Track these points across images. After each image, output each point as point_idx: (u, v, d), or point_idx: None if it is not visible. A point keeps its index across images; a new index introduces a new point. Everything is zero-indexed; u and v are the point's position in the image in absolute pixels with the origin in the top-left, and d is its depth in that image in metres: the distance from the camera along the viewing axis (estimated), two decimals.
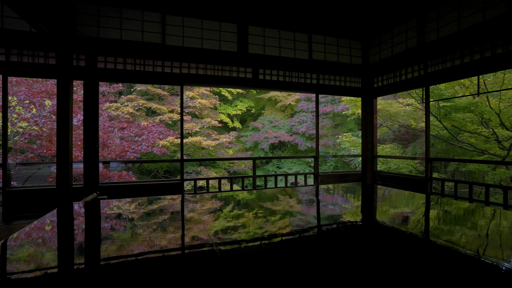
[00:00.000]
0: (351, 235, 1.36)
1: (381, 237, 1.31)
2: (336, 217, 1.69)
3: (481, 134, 7.16)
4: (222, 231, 1.37)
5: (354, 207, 2.05)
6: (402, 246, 1.18)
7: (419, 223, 1.56)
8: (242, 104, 15.21)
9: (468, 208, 1.97)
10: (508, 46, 3.31)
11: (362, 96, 5.21)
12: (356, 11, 3.99)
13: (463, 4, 3.32)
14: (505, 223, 1.51)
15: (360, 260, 1.04)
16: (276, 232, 1.41)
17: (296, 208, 1.99)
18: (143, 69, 4.32)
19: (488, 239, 1.24)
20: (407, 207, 1.99)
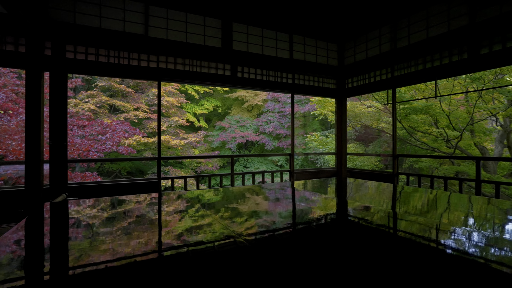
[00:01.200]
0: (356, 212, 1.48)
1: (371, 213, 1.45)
2: (340, 201, 1.81)
3: (432, 134, 7.98)
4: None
5: (347, 195, 2.21)
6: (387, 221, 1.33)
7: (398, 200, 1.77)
8: (209, 103, 15.02)
9: (427, 192, 2.25)
10: (463, 55, 3.77)
11: (336, 97, 5.50)
12: (333, 15, 4.22)
13: (430, 15, 3.70)
14: (456, 201, 1.88)
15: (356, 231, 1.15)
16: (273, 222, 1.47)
17: (301, 196, 2.08)
18: (118, 61, 4.08)
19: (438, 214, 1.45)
20: (386, 193, 2.21)
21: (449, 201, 1.97)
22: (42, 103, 3.23)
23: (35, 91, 3.08)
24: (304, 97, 13.70)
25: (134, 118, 9.55)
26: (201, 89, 14.02)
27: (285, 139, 14.05)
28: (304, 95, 6.11)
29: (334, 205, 1.89)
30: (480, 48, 3.57)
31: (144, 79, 4.39)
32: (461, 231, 1.28)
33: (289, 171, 5.92)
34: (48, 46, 3.61)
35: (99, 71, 3.96)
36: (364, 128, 11.01)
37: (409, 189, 2.58)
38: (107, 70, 3.96)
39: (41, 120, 3.59)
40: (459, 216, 1.58)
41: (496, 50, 3.45)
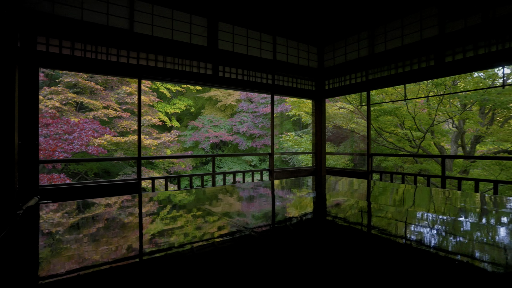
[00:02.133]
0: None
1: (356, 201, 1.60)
2: (329, 193, 1.94)
3: (398, 134, 8.58)
4: None
5: (331, 189, 2.36)
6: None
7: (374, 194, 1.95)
8: (181, 102, 14.70)
9: (400, 187, 2.48)
10: (430, 62, 4.14)
11: (315, 98, 5.70)
12: (314, 19, 4.40)
13: (405, 24, 4.02)
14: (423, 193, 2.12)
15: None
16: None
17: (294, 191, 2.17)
18: (96, 56, 3.89)
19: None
20: (362, 187, 2.40)
21: (431, 193, 2.21)
22: (16, 99, 2.99)
23: (7, 86, 2.84)
24: (279, 98, 13.94)
25: (104, 117, 9.08)
26: (173, 87, 13.70)
27: (258, 139, 14.19)
28: (284, 96, 6.25)
29: (333, 198, 2.02)
30: (445, 57, 3.94)
31: (124, 76, 4.23)
32: (435, 212, 1.49)
33: (269, 170, 6.03)
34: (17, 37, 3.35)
35: (74, 66, 3.74)
36: (335, 129, 11.49)
37: (389, 184, 2.81)
38: (83, 65, 3.76)
39: (15, 117, 3.33)
40: (435, 202, 1.79)
41: (458, 59, 3.83)
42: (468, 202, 1.96)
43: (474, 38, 3.47)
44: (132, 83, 11.03)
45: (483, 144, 8.32)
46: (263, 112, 14.07)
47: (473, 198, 2.10)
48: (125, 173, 9.96)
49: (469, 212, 1.70)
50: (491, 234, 1.27)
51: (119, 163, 10.63)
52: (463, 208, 1.80)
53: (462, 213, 1.67)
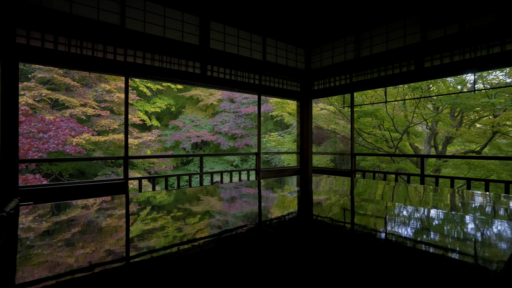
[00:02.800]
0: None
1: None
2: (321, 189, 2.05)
3: (376, 135, 8.97)
4: None
5: (324, 187, 2.48)
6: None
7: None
8: (162, 101, 14.41)
9: (382, 183, 2.66)
10: (411, 67, 4.39)
11: (302, 99, 5.84)
12: (302, 21, 4.51)
13: (390, 30, 4.24)
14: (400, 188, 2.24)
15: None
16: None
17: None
18: (80, 52, 3.76)
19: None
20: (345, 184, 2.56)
21: (407, 189, 2.38)
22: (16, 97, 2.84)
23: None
24: (262, 98, 14.04)
25: (82, 115, 8.71)
26: (154, 86, 13.39)
27: (240, 139, 14.21)
28: (271, 96, 6.34)
29: (332, 193, 2.13)
30: (424, 62, 4.20)
31: (111, 73, 4.10)
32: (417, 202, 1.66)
33: (256, 170, 6.09)
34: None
35: (56, 61, 3.59)
36: (316, 129, 11.78)
37: (379, 182, 2.98)
38: (67, 61, 3.61)
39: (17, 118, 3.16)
40: (418, 194, 1.96)
41: (436, 65, 4.11)
42: (446, 195, 2.15)
43: (451, 46, 3.74)
44: (111, 81, 10.66)
45: (453, 145, 8.89)
46: (245, 112, 14.11)
47: (454, 192, 2.30)
48: (104, 173, 9.60)
49: (450, 202, 1.90)
50: (465, 218, 1.42)
51: (97, 163, 10.24)
52: (445, 199, 2.01)
53: (445, 203, 1.86)
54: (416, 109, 7.16)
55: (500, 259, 0.96)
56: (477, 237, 1.22)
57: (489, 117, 7.16)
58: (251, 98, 14.26)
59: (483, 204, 1.91)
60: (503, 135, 7.24)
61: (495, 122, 6.70)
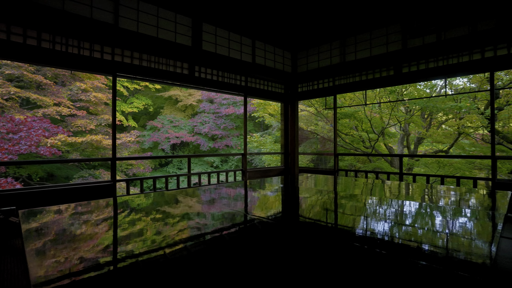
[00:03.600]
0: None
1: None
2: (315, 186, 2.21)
3: (354, 136, 9.39)
4: None
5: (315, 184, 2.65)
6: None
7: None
8: (139, 101, 14.02)
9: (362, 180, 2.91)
10: (390, 72, 4.71)
11: (289, 101, 6.01)
12: (289, 26, 4.68)
13: (374, 37, 4.52)
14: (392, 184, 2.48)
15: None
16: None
17: None
18: (65, 49, 3.65)
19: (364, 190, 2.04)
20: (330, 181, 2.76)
21: (388, 185, 2.61)
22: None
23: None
24: (240, 99, 14.11)
25: (56, 115, 8.29)
26: (131, 85, 13.01)
27: (221, 140, 14.18)
28: (257, 98, 6.45)
29: (327, 187, 2.29)
30: (403, 68, 4.53)
31: (97, 72, 4.00)
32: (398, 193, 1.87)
33: (242, 170, 6.17)
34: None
35: (40, 58, 3.46)
36: None
37: (363, 179, 3.21)
38: (50, 58, 3.49)
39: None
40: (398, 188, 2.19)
41: (412, 70, 4.45)
42: (422, 190, 2.40)
43: (428, 54, 4.08)
44: (86, 79, 10.24)
45: (423, 145, 9.52)
46: (225, 113, 14.11)
47: (431, 187, 2.55)
48: (81, 175, 9.19)
49: (428, 195, 2.11)
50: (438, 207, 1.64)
51: (70, 165, 9.76)
52: (424, 192, 2.22)
53: (426, 197, 2.08)
54: (392, 112, 7.62)
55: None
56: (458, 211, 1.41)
57: (455, 120, 7.79)
58: (231, 99, 14.29)
59: (456, 195, 2.17)
60: (466, 135, 7.92)
61: (460, 124, 7.31)
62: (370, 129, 8.13)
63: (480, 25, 3.59)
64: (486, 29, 3.57)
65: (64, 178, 10.14)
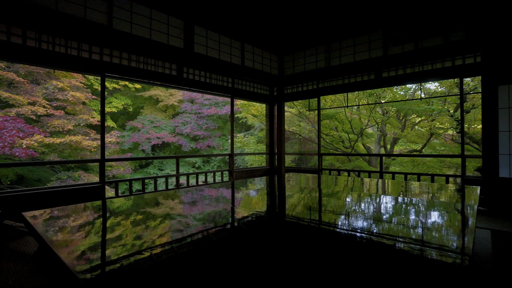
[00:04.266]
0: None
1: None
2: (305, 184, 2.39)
3: (334, 136, 9.76)
4: None
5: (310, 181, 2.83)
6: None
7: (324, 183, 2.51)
8: (118, 101, 13.63)
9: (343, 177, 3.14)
10: (371, 76, 5.01)
11: (272, 102, 6.17)
12: (276, 30, 4.84)
13: (357, 43, 4.78)
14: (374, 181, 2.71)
15: None
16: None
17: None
18: (52, 48, 3.58)
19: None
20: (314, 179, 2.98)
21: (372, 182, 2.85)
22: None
23: None
24: (222, 100, 14.13)
25: (31, 114, 7.92)
26: (110, 85, 12.64)
27: (203, 141, 14.12)
28: (243, 99, 6.57)
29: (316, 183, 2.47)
30: (382, 72, 4.84)
31: (85, 71, 3.95)
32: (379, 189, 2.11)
33: (229, 171, 6.26)
34: None
35: (25, 57, 3.39)
36: None
37: (343, 178, 3.44)
38: (37, 57, 3.43)
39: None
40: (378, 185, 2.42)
41: (391, 75, 4.77)
42: (403, 186, 2.65)
43: (406, 61, 4.40)
44: (62, 77, 9.85)
45: (399, 145, 10.07)
46: (207, 113, 14.07)
47: (407, 183, 2.81)
48: (59, 178, 8.82)
49: (409, 190, 2.37)
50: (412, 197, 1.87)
51: (41, 168, 9.34)
52: (405, 188, 2.47)
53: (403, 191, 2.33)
54: (371, 113, 8.03)
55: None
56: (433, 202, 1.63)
57: (427, 121, 8.34)
58: (213, 100, 14.28)
59: (435, 190, 2.42)
60: (437, 136, 8.50)
61: (432, 125, 7.85)
62: (350, 130, 8.50)
63: (452, 36, 3.94)
64: (457, 40, 3.92)
65: (35, 181, 9.67)
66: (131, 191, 4.67)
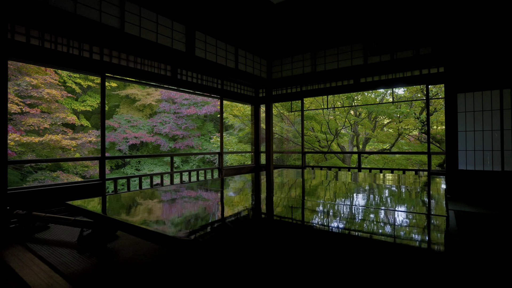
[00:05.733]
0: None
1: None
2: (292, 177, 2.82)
3: (310, 136, 10.37)
4: None
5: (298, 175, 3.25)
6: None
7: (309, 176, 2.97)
8: (92, 99, 13.19)
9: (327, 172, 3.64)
10: (350, 81, 5.57)
11: (255, 103, 6.54)
12: (264, 37, 5.20)
13: (340, 52, 5.31)
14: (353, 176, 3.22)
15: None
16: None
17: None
18: (55, 47, 3.67)
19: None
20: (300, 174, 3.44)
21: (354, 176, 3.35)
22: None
23: None
24: (201, 99, 14.23)
25: None
26: (84, 82, 12.23)
27: (182, 140, 14.12)
28: (232, 101, 6.87)
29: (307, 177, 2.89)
30: (360, 78, 5.41)
31: (86, 70, 4.05)
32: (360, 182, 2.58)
33: (219, 168, 6.52)
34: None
35: (43, 58, 3.48)
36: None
37: (328, 171, 3.93)
38: (51, 58, 3.53)
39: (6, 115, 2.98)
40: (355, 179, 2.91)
41: (368, 81, 5.35)
42: (381, 177, 3.17)
43: (383, 69, 4.99)
44: (34, 74, 9.43)
45: (369, 145, 10.92)
46: (186, 113, 14.09)
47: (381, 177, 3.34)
48: (36, 178, 8.46)
49: (387, 181, 2.86)
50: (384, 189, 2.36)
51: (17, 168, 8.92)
52: (384, 179, 2.96)
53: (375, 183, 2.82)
54: (347, 115, 8.71)
55: None
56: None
57: (395, 123, 9.22)
58: (191, 99, 14.33)
59: (409, 181, 2.95)
60: (403, 136, 9.42)
61: (400, 126, 8.71)
62: (327, 130, 9.13)
63: (421, 50, 4.58)
64: (425, 53, 4.57)
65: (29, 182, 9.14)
66: (129, 187, 4.79)
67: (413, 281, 0.88)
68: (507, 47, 3.95)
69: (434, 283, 0.84)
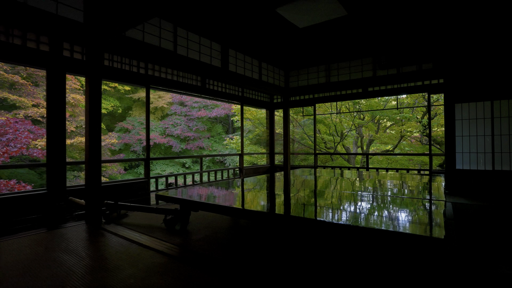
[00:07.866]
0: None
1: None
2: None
3: (317, 138, 11.03)
4: None
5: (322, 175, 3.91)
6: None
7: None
8: (108, 103, 13.81)
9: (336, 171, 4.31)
10: (359, 89, 6.23)
11: (270, 109, 7.20)
12: (283, 52, 5.85)
13: (352, 65, 5.97)
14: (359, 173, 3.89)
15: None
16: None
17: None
18: (112, 65, 4.31)
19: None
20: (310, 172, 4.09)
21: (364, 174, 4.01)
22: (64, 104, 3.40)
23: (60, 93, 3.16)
24: (211, 103, 14.87)
25: (38, 116, 8.18)
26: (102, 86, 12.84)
27: (193, 142, 14.75)
28: (250, 106, 7.52)
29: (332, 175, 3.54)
30: (368, 87, 6.07)
31: (134, 83, 4.72)
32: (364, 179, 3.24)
33: (239, 168, 7.17)
34: (45, 42, 3.55)
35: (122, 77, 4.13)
36: (266, 133, 13.34)
37: (341, 171, 4.58)
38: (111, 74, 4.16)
39: (64, 121, 3.59)
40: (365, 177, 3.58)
41: (375, 90, 6.01)
42: (390, 176, 3.83)
43: (389, 81, 5.65)
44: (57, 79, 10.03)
45: (373, 146, 11.59)
46: (197, 115, 14.73)
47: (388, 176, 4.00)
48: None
49: (396, 178, 3.52)
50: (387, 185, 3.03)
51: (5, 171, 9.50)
52: (392, 176, 3.62)
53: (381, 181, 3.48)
54: (354, 119, 9.38)
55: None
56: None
57: (398, 125, 9.90)
58: (202, 102, 14.95)
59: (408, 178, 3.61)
60: (405, 138, 10.10)
61: (402, 129, 9.39)
62: (334, 133, 9.80)
63: (424, 66, 5.26)
64: (427, 68, 5.24)
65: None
66: (167, 185, 5.43)
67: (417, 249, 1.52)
68: (496, 66, 4.63)
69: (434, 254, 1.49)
